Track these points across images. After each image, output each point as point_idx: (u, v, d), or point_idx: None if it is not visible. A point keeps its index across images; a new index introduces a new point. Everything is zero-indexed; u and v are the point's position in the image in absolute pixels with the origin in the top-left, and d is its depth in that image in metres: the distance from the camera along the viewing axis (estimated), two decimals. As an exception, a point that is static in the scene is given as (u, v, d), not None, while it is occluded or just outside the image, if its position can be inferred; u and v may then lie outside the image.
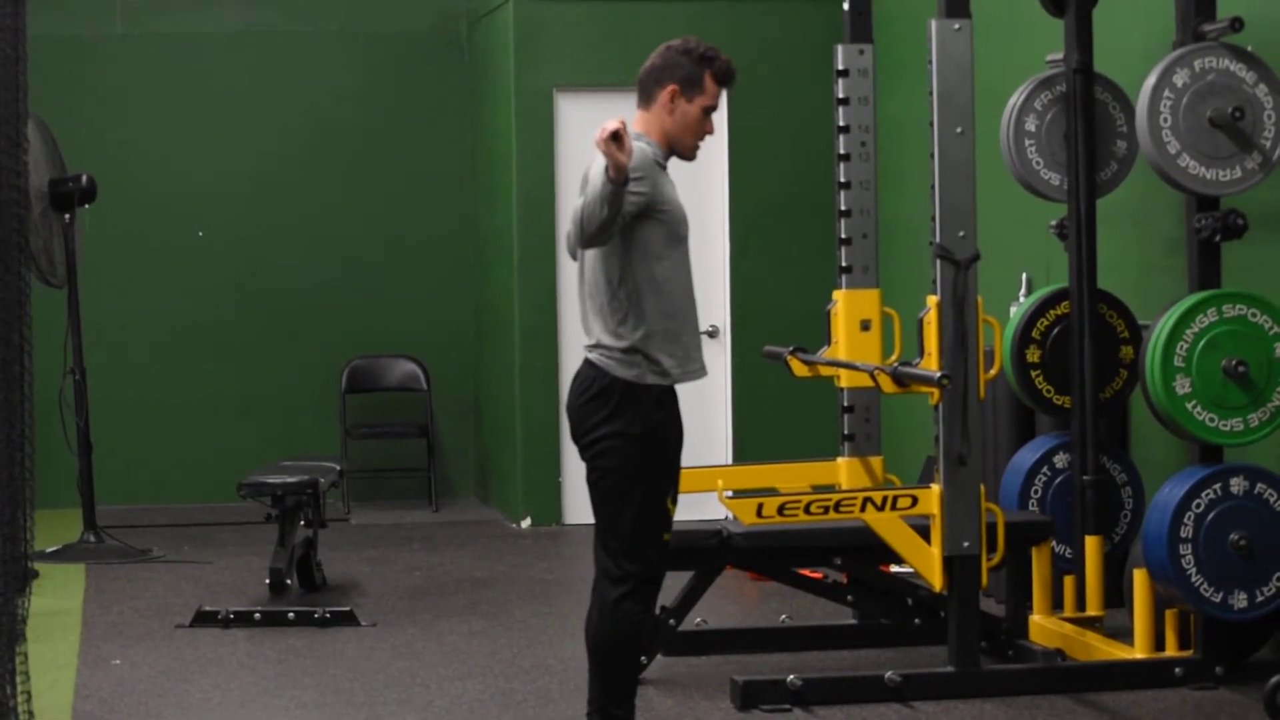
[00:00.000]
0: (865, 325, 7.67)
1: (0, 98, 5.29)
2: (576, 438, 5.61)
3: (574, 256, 5.67)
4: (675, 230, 5.53)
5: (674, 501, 5.54)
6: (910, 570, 7.18)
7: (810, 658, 7.45)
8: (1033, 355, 7.71)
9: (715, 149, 11.09)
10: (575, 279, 5.74)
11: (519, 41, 11.15)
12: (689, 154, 5.64)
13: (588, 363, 5.57)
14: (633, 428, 5.47)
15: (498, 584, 9.32)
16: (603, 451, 5.50)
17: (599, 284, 5.52)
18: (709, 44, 5.67)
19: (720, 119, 11.12)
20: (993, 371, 7.11)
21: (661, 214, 5.47)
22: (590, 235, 5.31)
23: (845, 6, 7.84)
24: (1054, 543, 7.52)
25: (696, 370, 5.58)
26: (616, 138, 5.15)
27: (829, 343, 7.75)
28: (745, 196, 11.25)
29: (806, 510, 6.78)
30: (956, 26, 6.83)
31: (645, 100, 5.64)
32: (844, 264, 7.77)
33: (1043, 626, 7.45)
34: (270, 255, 12.26)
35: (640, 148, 5.41)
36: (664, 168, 5.55)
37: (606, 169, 5.20)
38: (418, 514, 11.76)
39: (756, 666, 7.29)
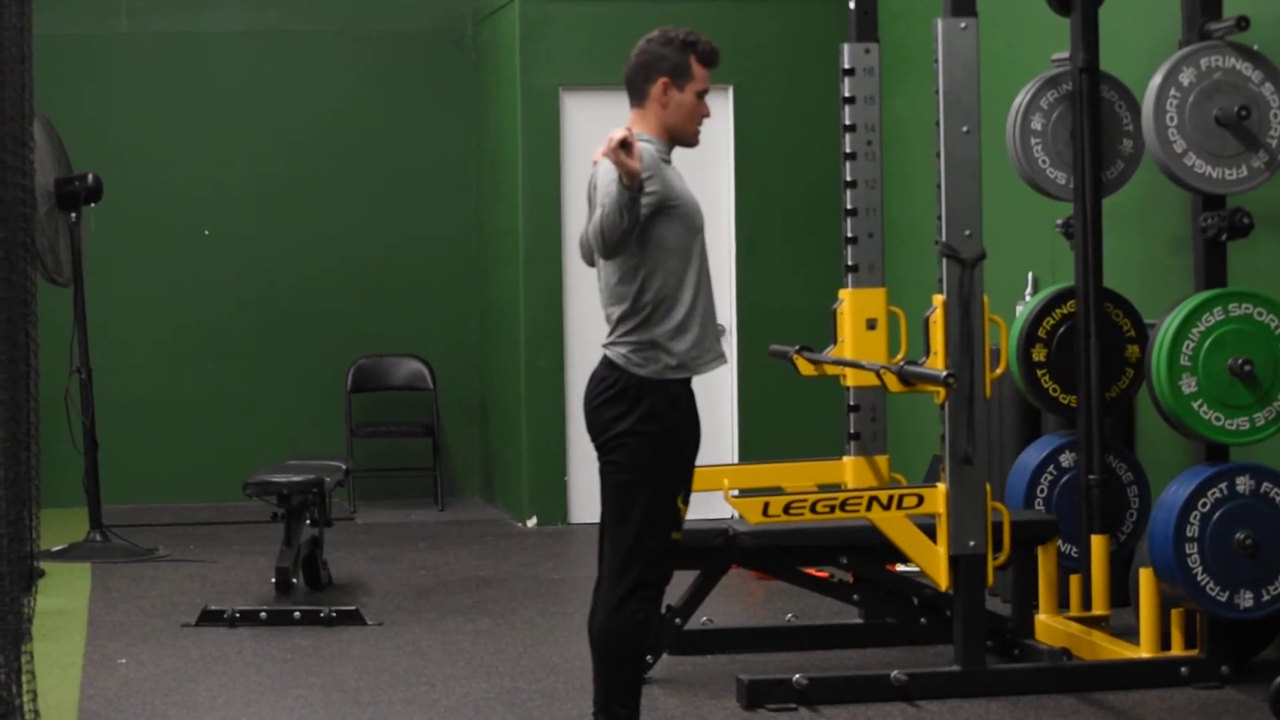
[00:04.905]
0: (871, 324, 7.67)
1: (6, 97, 5.29)
2: (593, 436, 5.63)
3: (590, 263, 5.68)
4: (690, 222, 5.55)
5: (685, 501, 5.56)
6: (916, 569, 7.18)
7: (816, 657, 7.45)
8: (1039, 354, 7.70)
9: (721, 148, 11.10)
10: (579, 278, 5.78)
11: (525, 40, 11.15)
12: (692, 140, 5.67)
13: (605, 360, 5.58)
14: (646, 426, 5.49)
15: (503, 583, 9.32)
16: (616, 448, 5.52)
17: (619, 283, 5.53)
18: (685, 29, 5.70)
19: (726, 118, 11.15)
20: (998, 370, 7.10)
21: (674, 208, 5.50)
22: (613, 245, 5.37)
23: (851, 5, 7.84)
24: (1060, 542, 7.51)
25: (714, 360, 5.62)
26: (626, 146, 5.19)
27: (835, 342, 7.75)
28: (751, 195, 11.26)
29: (812, 509, 6.78)
30: (962, 25, 6.83)
31: (638, 98, 5.65)
32: (850, 263, 7.77)
33: (1048, 626, 7.45)
34: (276, 254, 12.26)
35: (645, 148, 5.42)
36: (669, 162, 5.57)
37: (620, 178, 5.23)
38: (423, 513, 11.76)
39: (762, 665, 7.29)
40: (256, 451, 11.44)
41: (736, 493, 6.85)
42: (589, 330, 10.96)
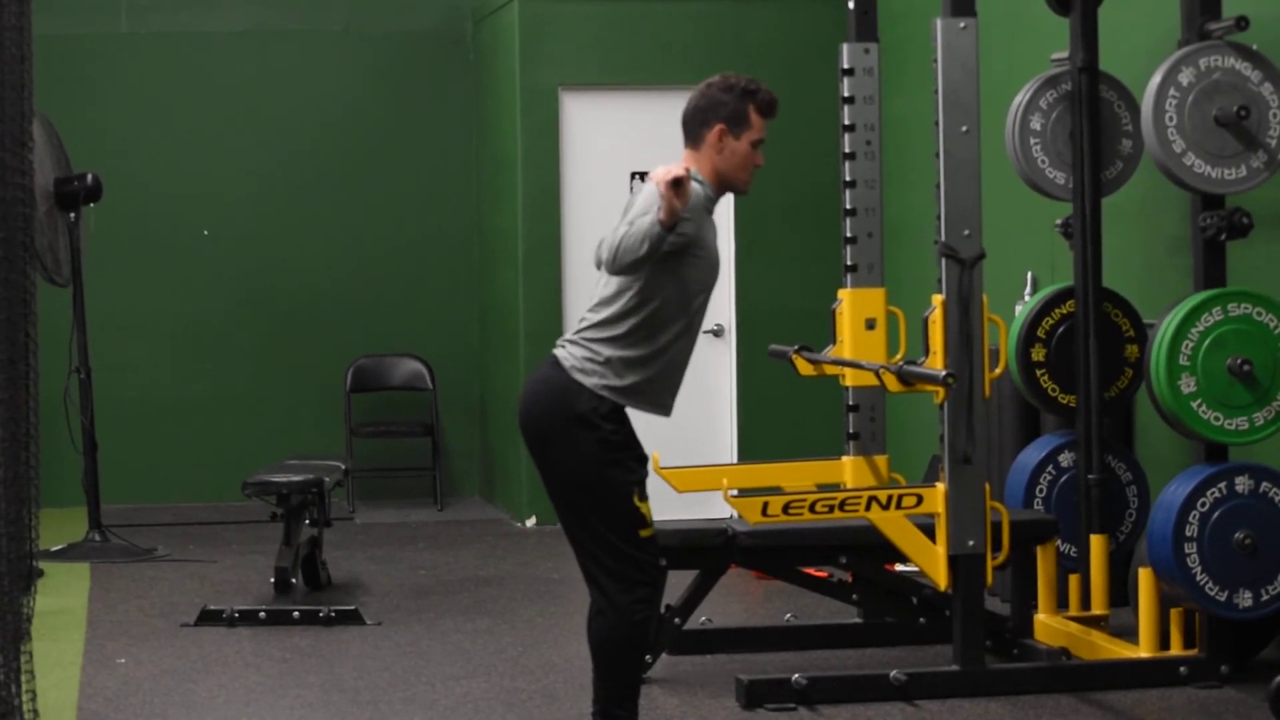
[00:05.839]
0: (870, 324, 7.67)
1: (6, 97, 5.29)
2: (531, 442, 5.62)
3: (598, 267, 5.67)
4: (703, 276, 5.55)
5: (644, 498, 5.53)
6: (915, 569, 7.18)
7: (815, 656, 7.45)
8: (1038, 354, 7.70)
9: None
10: (579, 278, 5.75)
11: (524, 40, 11.15)
12: (743, 189, 5.71)
13: (551, 361, 5.57)
14: (583, 434, 5.47)
15: (502, 583, 9.32)
16: (557, 460, 5.53)
17: (614, 294, 5.52)
18: (748, 77, 5.70)
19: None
20: (998, 370, 7.11)
21: (695, 257, 5.50)
22: (622, 267, 5.35)
23: (850, 5, 7.84)
24: (1059, 541, 7.52)
25: (653, 408, 5.58)
26: (678, 184, 5.18)
27: (834, 341, 7.75)
28: (750, 195, 11.16)
29: (811, 509, 6.78)
30: (962, 25, 6.83)
31: (693, 141, 5.65)
32: (849, 263, 7.77)
33: (1048, 625, 7.45)
34: (275, 254, 12.27)
35: (695, 189, 5.42)
36: (711, 211, 5.58)
37: (658, 209, 5.23)
38: (423, 513, 11.76)
39: (761, 665, 7.29)
40: (256, 451, 11.44)
41: (735, 492, 6.84)
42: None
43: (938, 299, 6.79)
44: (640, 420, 5.60)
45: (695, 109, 5.65)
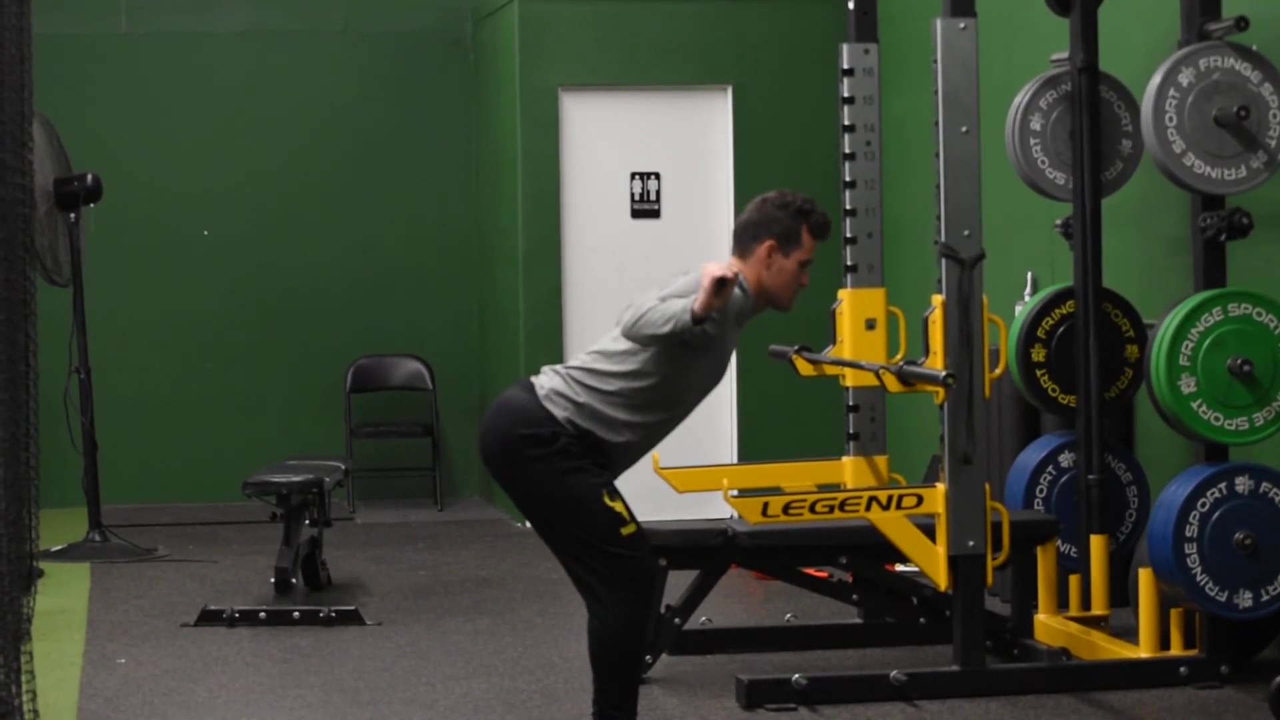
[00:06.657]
0: (870, 324, 7.66)
1: (6, 97, 5.29)
2: (494, 470, 5.63)
3: (617, 324, 5.66)
4: (704, 379, 5.61)
5: (613, 496, 5.54)
6: (915, 569, 7.18)
7: (815, 657, 7.45)
8: (1038, 354, 7.70)
9: (720, 148, 11.09)
10: (578, 278, 5.76)
11: (524, 41, 11.15)
12: (785, 306, 5.78)
13: (526, 386, 5.59)
14: (538, 450, 5.51)
15: (502, 583, 9.32)
16: (520, 480, 5.57)
17: (621, 353, 5.55)
18: (804, 197, 5.78)
19: (725, 118, 11.15)
20: (998, 371, 7.10)
21: (706, 358, 5.55)
22: (638, 336, 5.42)
23: (850, 5, 7.83)
24: (1059, 542, 7.51)
25: (607, 465, 5.60)
26: (722, 284, 5.22)
27: (834, 342, 7.74)
28: (750, 195, 11.12)
29: (811, 509, 6.78)
30: (961, 25, 6.83)
31: (742, 251, 5.72)
32: (849, 263, 7.76)
33: (1048, 625, 7.45)
34: (275, 254, 12.27)
35: (736, 295, 5.49)
36: (741, 324, 5.64)
37: (694, 299, 5.27)
38: (423, 513, 11.76)
39: (761, 665, 7.29)
40: (256, 451, 11.44)
41: (736, 493, 6.84)
42: (588, 330, 10.96)
43: (938, 299, 6.79)
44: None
45: (748, 223, 5.74)
